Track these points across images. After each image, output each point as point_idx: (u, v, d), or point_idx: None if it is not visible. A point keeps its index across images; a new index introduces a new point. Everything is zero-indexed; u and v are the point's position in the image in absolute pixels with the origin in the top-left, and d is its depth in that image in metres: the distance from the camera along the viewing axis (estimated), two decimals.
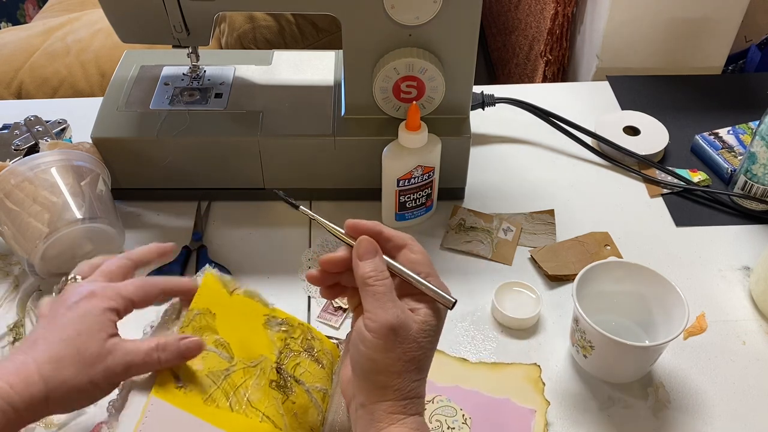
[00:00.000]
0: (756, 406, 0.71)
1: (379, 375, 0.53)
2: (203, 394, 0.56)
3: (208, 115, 0.87)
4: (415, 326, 0.53)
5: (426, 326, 0.53)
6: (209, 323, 0.60)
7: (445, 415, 0.67)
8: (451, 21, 0.78)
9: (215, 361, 0.58)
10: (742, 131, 0.99)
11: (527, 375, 0.72)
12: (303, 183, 0.89)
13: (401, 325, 0.52)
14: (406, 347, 0.52)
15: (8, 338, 0.73)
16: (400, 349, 0.52)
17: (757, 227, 0.89)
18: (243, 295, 0.63)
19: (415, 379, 0.53)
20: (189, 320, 0.59)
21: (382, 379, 0.53)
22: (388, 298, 0.53)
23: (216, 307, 0.61)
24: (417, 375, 0.53)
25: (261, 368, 0.60)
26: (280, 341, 0.64)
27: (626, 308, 0.74)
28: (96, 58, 1.51)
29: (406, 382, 0.53)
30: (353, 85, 0.84)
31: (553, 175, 0.96)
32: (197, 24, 0.81)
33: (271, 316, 0.65)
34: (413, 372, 0.53)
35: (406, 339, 0.52)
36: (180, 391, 0.56)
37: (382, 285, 0.54)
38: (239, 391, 0.58)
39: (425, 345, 0.53)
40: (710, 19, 1.12)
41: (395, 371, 0.53)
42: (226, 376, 0.58)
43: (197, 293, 0.60)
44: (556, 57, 1.35)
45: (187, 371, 0.57)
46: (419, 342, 0.53)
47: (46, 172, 0.78)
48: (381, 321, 0.52)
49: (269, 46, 1.46)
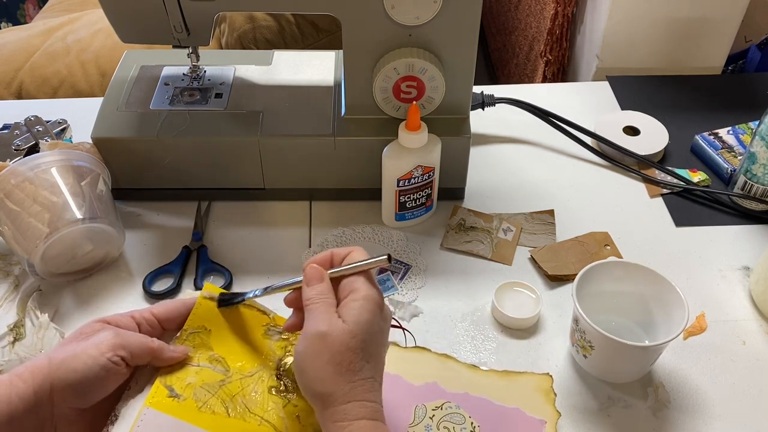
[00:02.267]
0: (756, 406, 0.71)
1: (312, 383, 0.54)
2: (198, 402, 0.57)
3: (208, 115, 0.87)
4: (341, 327, 0.54)
5: (353, 326, 0.54)
6: (203, 340, 0.61)
7: (454, 422, 0.67)
8: (451, 21, 0.78)
9: (209, 375, 0.59)
10: (742, 131, 0.99)
11: (538, 385, 0.71)
12: (303, 183, 0.89)
13: (328, 330, 0.54)
14: (334, 350, 0.53)
15: (8, 338, 0.73)
16: (327, 354, 0.53)
17: (757, 227, 0.89)
18: (243, 307, 0.64)
19: (348, 381, 0.53)
20: (183, 340, 0.60)
21: (315, 387, 0.54)
22: (322, 311, 0.55)
23: (212, 322, 0.62)
24: (350, 377, 0.53)
25: (259, 377, 0.61)
26: (281, 349, 0.64)
27: (626, 308, 0.74)
28: (96, 58, 1.51)
29: (339, 386, 0.53)
30: (353, 85, 0.84)
31: (553, 175, 0.96)
32: (197, 24, 0.81)
33: (271, 325, 0.65)
34: (345, 375, 0.53)
35: (333, 343, 0.53)
36: (174, 401, 0.56)
37: (322, 303, 0.56)
38: (236, 398, 0.58)
39: (355, 346, 0.54)
40: (710, 19, 1.12)
41: (325, 377, 0.53)
42: (221, 386, 0.58)
43: (191, 314, 0.61)
44: (556, 57, 1.35)
45: (181, 384, 0.57)
46: (347, 344, 0.53)
47: (47, 172, 0.78)
48: (310, 330, 0.54)
49: (269, 46, 1.46)
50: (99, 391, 0.54)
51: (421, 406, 0.67)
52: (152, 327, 0.60)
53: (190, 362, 0.59)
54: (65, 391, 0.52)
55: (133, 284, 0.81)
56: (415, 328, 0.77)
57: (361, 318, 0.54)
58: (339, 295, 0.57)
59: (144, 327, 0.59)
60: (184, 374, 0.58)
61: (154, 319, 0.60)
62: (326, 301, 0.56)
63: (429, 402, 0.68)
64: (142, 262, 0.84)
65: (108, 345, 0.54)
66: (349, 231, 0.88)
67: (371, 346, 0.55)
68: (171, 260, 0.83)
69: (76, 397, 0.53)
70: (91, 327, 0.56)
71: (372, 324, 0.55)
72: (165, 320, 0.60)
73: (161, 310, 0.61)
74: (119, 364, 0.54)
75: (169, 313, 0.61)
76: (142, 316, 0.59)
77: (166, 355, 0.58)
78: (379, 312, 0.57)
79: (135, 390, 0.57)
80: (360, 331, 0.54)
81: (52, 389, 0.52)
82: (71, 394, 0.53)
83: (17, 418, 0.51)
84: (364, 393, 0.54)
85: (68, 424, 0.54)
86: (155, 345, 0.57)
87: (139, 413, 0.55)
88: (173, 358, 0.58)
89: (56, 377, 0.52)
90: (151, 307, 0.61)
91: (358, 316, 0.54)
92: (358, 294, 0.56)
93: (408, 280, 0.82)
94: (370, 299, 0.56)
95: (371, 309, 0.55)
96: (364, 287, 0.56)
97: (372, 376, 0.55)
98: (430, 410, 0.67)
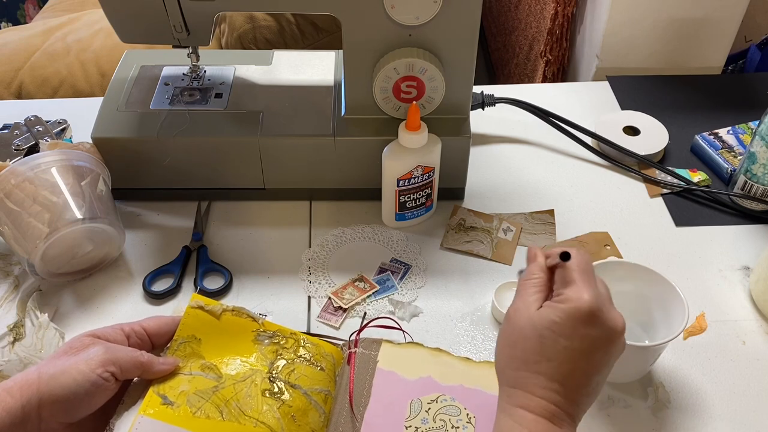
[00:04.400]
0: (756, 406, 0.71)
1: (534, 357, 0.52)
2: (192, 408, 0.57)
3: (208, 115, 0.87)
4: (619, 320, 0.52)
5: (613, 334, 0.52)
6: (194, 349, 0.61)
7: (450, 414, 0.67)
8: (451, 21, 0.78)
9: (202, 382, 0.59)
10: (742, 131, 0.99)
11: None
12: (303, 183, 0.89)
13: (600, 308, 0.51)
14: (593, 333, 0.51)
15: (8, 338, 0.73)
16: (580, 334, 0.51)
17: (757, 227, 0.89)
18: (231, 315, 0.64)
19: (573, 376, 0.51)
20: (173, 350, 0.60)
21: (532, 360, 0.52)
22: (592, 280, 0.52)
23: (202, 332, 0.62)
24: (584, 381, 0.52)
25: (252, 381, 0.61)
26: (272, 353, 0.64)
27: (626, 308, 0.73)
28: (96, 58, 1.51)
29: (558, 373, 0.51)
30: (353, 85, 0.84)
31: (553, 175, 0.96)
32: (197, 24, 0.81)
33: (261, 331, 0.65)
34: (588, 372, 0.52)
35: (602, 324, 0.51)
36: (168, 408, 0.56)
37: (587, 264, 0.53)
38: (230, 403, 0.58)
39: (532, 336, 0.52)
40: (710, 19, 1.12)
41: (557, 359, 0.51)
42: (215, 392, 0.59)
43: (180, 324, 0.61)
44: (556, 57, 1.34)
45: (174, 392, 0.58)
46: (610, 340, 0.52)
47: (47, 172, 0.78)
48: (584, 299, 0.51)
49: (269, 46, 1.46)
50: (87, 407, 0.54)
51: (417, 401, 0.67)
52: (141, 340, 0.59)
53: (182, 371, 0.59)
54: (54, 406, 0.52)
55: (133, 284, 0.81)
56: (415, 328, 0.77)
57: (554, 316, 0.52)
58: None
59: (133, 339, 0.59)
60: (176, 383, 0.58)
61: (144, 333, 0.60)
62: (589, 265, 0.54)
63: (424, 396, 0.68)
64: (142, 262, 0.84)
65: (98, 361, 0.54)
66: (349, 231, 0.88)
67: (597, 363, 0.52)
68: (171, 260, 0.83)
69: (64, 412, 0.53)
70: (80, 341, 0.56)
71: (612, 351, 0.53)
72: (155, 335, 0.60)
73: (151, 324, 0.60)
74: (109, 380, 0.54)
75: (160, 328, 0.61)
76: (132, 329, 0.59)
77: (156, 368, 0.58)
78: (590, 326, 0.52)
79: (129, 403, 0.57)
80: (542, 327, 0.52)
81: (41, 404, 0.52)
82: (59, 409, 0.52)
83: None
84: (534, 387, 0.52)
85: None
86: (145, 359, 0.57)
87: (133, 422, 0.55)
88: (163, 371, 0.58)
89: (45, 392, 0.52)
90: (141, 320, 0.61)
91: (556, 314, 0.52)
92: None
93: (408, 280, 0.82)
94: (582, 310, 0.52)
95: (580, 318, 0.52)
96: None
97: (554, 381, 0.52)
98: (426, 404, 0.67)
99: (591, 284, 0.53)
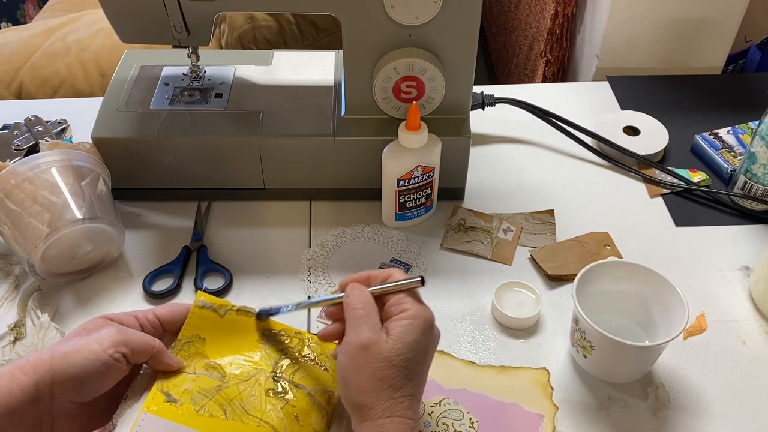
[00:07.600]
0: (756, 406, 0.71)
1: (353, 395, 0.54)
2: (195, 406, 0.57)
3: (208, 115, 0.87)
4: (386, 345, 0.54)
5: (399, 344, 0.54)
6: (198, 349, 0.61)
7: (452, 419, 0.67)
8: (451, 21, 0.78)
9: (206, 381, 0.59)
10: (742, 131, 0.99)
11: (535, 379, 0.71)
12: (303, 183, 0.89)
13: (371, 343, 0.54)
14: (376, 366, 0.54)
15: (9, 338, 0.73)
16: (370, 369, 0.54)
17: (757, 227, 0.89)
18: (236, 314, 0.64)
19: (389, 397, 0.54)
20: (177, 350, 0.60)
21: (356, 399, 0.54)
22: (364, 321, 0.56)
23: (206, 331, 0.62)
24: (391, 393, 0.54)
25: (256, 380, 0.61)
26: (276, 353, 0.64)
27: (626, 308, 0.74)
28: (96, 58, 1.51)
29: (380, 401, 0.53)
30: (353, 85, 0.84)
31: (553, 175, 0.96)
32: (197, 24, 0.81)
33: (265, 330, 0.65)
34: (386, 390, 0.54)
35: (376, 358, 0.54)
36: (171, 406, 0.56)
37: (362, 309, 0.56)
38: (234, 402, 0.59)
39: (398, 364, 0.54)
40: (710, 19, 1.12)
41: (367, 390, 0.54)
42: (218, 391, 0.59)
43: (185, 324, 0.62)
44: (556, 57, 1.35)
45: (178, 390, 0.58)
46: (390, 360, 0.54)
47: (47, 172, 0.78)
48: (353, 340, 0.55)
49: (269, 46, 1.46)
50: (98, 386, 0.54)
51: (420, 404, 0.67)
52: (154, 328, 0.60)
53: (186, 370, 0.59)
54: (65, 385, 0.53)
55: (133, 284, 0.81)
56: None
57: (407, 338, 0.55)
58: (386, 314, 0.58)
59: (147, 328, 0.60)
60: (180, 381, 0.58)
61: (157, 321, 0.60)
62: (367, 307, 0.57)
63: (427, 399, 0.68)
64: (142, 262, 0.84)
65: (110, 341, 0.54)
66: (349, 231, 0.88)
67: (415, 366, 0.56)
68: (171, 260, 0.83)
69: (75, 391, 0.53)
70: (94, 323, 0.57)
71: (418, 344, 0.56)
72: (167, 322, 0.61)
73: (164, 312, 0.61)
74: (120, 361, 0.55)
75: (173, 316, 0.61)
76: (146, 317, 0.60)
77: (166, 358, 0.58)
78: (429, 331, 0.57)
79: (132, 398, 0.57)
80: (405, 350, 0.55)
81: (53, 382, 0.52)
82: (71, 387, 0.53)
83: (17, 410, 0.51)
84: (403, 410, 0.54)
85: (66, 418, 0.54)
86: (156, 344, 0.57)
87: (136, 419, 0.55)
88: (170, 364, 0.58)
89: (57, 370, 0.52)
90: (155, 308, 0.62)
91: (406, 335, 0.55)
92: (408, 313, 0.56)
93: None
94: (419, 318, 0.56)
95: (420, 328, 0.56)
96: (414, 307, 0.57)
97: (412, 394, 0.55)
98: (429, 407, 0.67)
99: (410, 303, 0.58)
